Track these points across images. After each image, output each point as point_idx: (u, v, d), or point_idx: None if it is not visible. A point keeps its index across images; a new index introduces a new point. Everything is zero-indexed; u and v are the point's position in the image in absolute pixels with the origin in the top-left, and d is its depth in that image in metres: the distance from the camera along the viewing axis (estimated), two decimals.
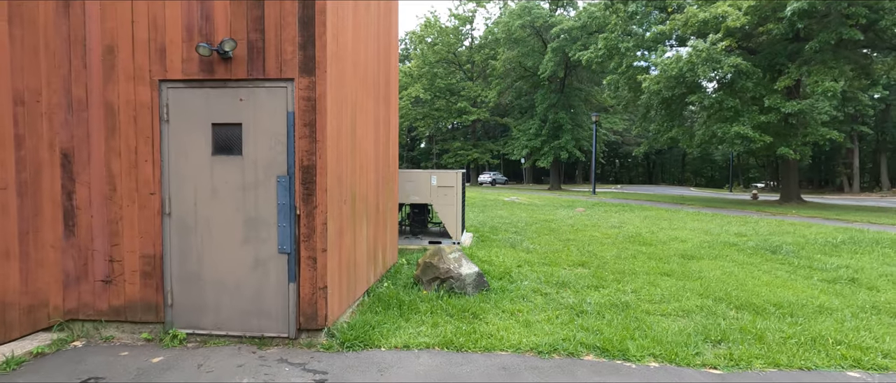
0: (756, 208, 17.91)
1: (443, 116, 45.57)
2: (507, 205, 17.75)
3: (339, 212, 4.09)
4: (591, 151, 43.35)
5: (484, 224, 11.76)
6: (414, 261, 6.92)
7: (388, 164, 6.13)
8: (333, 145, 3.94)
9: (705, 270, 6.57)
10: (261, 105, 3.80)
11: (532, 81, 37.17)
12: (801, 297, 5.26)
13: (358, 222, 4.72)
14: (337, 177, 4.04)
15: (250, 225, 3.84)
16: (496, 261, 6.89)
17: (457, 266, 5.19)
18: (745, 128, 16.70)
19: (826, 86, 15.19)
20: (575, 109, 35.65)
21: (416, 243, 8.22)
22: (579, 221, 12.49)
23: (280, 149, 3.80)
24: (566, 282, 5.90)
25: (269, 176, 3.82)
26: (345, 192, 4.26)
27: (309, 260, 3.80)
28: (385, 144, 5.96)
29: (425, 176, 8.19)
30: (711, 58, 16.53)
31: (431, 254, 5.41)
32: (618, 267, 6.82)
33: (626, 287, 5.68)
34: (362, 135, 4.86)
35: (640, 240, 9.31)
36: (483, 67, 45.52)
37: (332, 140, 3.92)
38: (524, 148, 36.40)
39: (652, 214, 14.77)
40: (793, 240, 9.14)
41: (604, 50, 21.89)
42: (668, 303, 5.05)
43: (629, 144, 66.65)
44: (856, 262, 7.16)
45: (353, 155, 4.54)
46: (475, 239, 9.30)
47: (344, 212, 4.25)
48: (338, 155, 4.06)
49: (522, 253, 7.88)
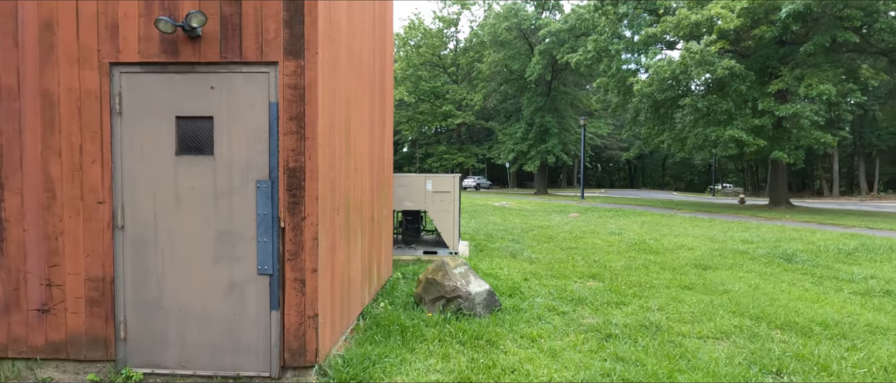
0: (749, 213, 17.69)
1: (427, 120, 44.94)
2: (498, 211, 17.18)
3: (331, 224, 3.42)
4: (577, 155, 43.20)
5: (478, 231, 11.15)
6: (409, 274, 6.27)
7: (382, 167, 5.48)
8: (325, 144, 3.27)
9: (727, 282, 6.06)
10: (237, 94, 3.12)
11: (518, 84, 36.81)
12: (843, 314, 4.77)
13: (352, 235, 4.05)
14: (329, 182, 3.37)
15: (224, 240, 3.15)
16: (501, 274, 6.27)
17: (464, 283, 4.55)
18: (740, 132, 16.47)
19: (821, 89, 15.04)
20: (561, 113, 35.37)
21: (409, 253, 7.56)
22: (577, 228, 11.98)
23: (261, 148, 3.11)
24: (581, 297, 5.31)
25: (246, 180, 3.13)
26: (338, 200, 3.59)
27: (296, 282, 3.12)
28: (380, 144, 5.30)
29: (420, 180, 7.54)
30: (705, 60, 16.28)
31: (434, 269, 4.76)
32: (632, 279, 6.27)
33: (648, 303, 5.12)
34: (357, 132, 4.20)
35: (646, 248, 8.81)
36: (468, 70, 45.06)
37: (324, 137, 3.25)
38: (511, 152, 35.96)
39: (648, 220, 14.35)
40: (804, 248, 8.74)
41: (593, 52, 21.57)
42: (701, 323, 4.50)
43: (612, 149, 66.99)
44: (880, 272, 6.74)
45: (348, 156, 3.88)
46: (472, 248, 8.67)
47: (337, 223, 3.58)
48: (330, 155, 3.39)
49: (526, 263, 7.28)
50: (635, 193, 47.07)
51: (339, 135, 3.63)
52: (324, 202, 3.25)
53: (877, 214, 18.22)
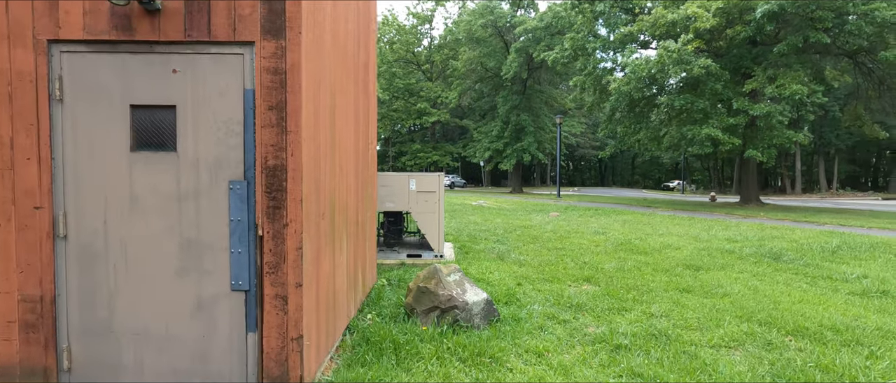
0: (724, 211, 17.92)
1: (401, 117, 44.33)
2: (477, 210, 16.88)
3: (316, 231, 2.99)
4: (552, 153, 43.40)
5: (460, 232, 10.79)
6: (394, 279, 5.85)
7: (367, 165, 5.04)
8: (310, 138, 2.84)
9: (724, 284, 5.87)
10: (205, 79, 2.65)
11: (493, 83, 36.64)
12: (849, 318, 4.61)
13: (338, 241, 3.62)
14: (314, 182, 2.94)
15: (190, 251, 2.68)
16: (493, 279, 5.92)
17: (460, 292, 4.17)
18: (715, 131, 16.65)
19: (794, 89, 15.32)
20: (536, 111, 35.37)
21: (392, 257, 7.13)
22: (559, 227, 11.76)
23: (234, 142, 2.66)
24: (580, 303, 5.01)
25: (216, 181, 2.67)
26: (323, 203, 3.16)
27: (277, 299, 2.68)
28: (364, 140, 4.87)
29: (402, 180, 7.12)
30: (682, 59, 16.37)
31: (426, 276, 4.36)
32: (627, 282, 6.02)
33: (651, 308, 4.86)
34: (342, 126, 3.77)
35: (633, 249, 8.63)
36: (443, 68, 44.66)
37: (309, 131, 2.82)
38: (487, 150, 35.75)
39: (629, 219, 14.29)
40: (788, 246, 8.72)
41: (570, 50, 21.52)
42: (710, 330, 4.25)
43: (585, 147, 67.84)
44: (870, 271, 6.70)
45: (333, 153, 3.45)
46: (456, 250, 8.31)
47: (322, 229, 3.14)
48: (315, 151, 2.96)
49: (515, 266, 6.96)
50: (607, 191, 47.71)
51: (325, 129, 3.19)
52: (308, 205, 2.82)
53: (845, 211, 18.75)
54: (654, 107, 19.85)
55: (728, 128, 17.15)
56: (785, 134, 16.73)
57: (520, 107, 34.36)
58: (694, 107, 17.21)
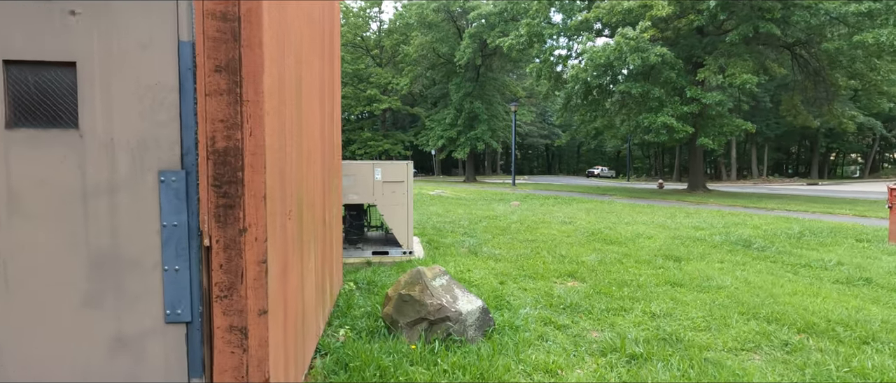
0: (675, 198, 18.33)
1: (350, 104, 42.83)
2: (436, 201, 16.29)
3: (282, 236, 2.28)
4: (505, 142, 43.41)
5: (423, 224, 10.17)
6: (362, 281, 5.17)
7: (333, 152, 4.31)
8: (274, 112, 2.12)
9: (713, 276, 5.61)
10: (121, 26, 1.86)
11: (446, 69, 35.95)
12: (851, 310, 4.41)
13: (306, 246, 2.91)
14: (279, 171, 2.22)
15: (103, 269, 1.90)
16: (474, 278, 5.36)
17: (451, 299, 3.56)
18: (670, 119, 16.91)
19: (744, 78, 15.74)
20: (490, 99, 35.08)
21: (355, 255, 6.41)
22: (525, 217, 11.39)
23: (165, 116, 1.89)
24: (574, 303, 4.55)
25: (141, 170, 1.90)
26: (289, 198, 2.45)
27: (232, 333, 1.96)
28: (330, 123, 4.12)
29: (367, 169, 6.40)
30: (639, 47, 16.43)
31: (408, 282, 3.72)
32: (613, 276, 5.64)
33: (650, 307, 4.47)
34: (309, 104, 3.03)
35: (605, 239, 8.35)
36: (393, 53, 43.44)
37: (273, 102, 2.09)
38: (440, 138, 35.12)
39: (591, 207, 14.19)
40: (753, 233, 8.74)
41: (526, 37, 21.22)
42: (720, 331, 3.90)
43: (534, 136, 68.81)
44: (840, 257, 6.71)
45: (300, 135, 2.72)
46: (424, 244, 7.68)
47: (290, 233, 2.43)
48: (280, 130, 2.24)
49: (491, 262, 6.44)
50: (557, 179, 48.57)
51: (291, 104, 2.47)
52: (273, 203, 2.10)
53: (783, 196, 19.69)
54: (610, 95, 19.97)
55: (681, 117, 17.49)
56: (734, 122, 17.24)
57: (473, 95, 33.93)
58: (650, 96, 17.40)
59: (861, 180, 44.20)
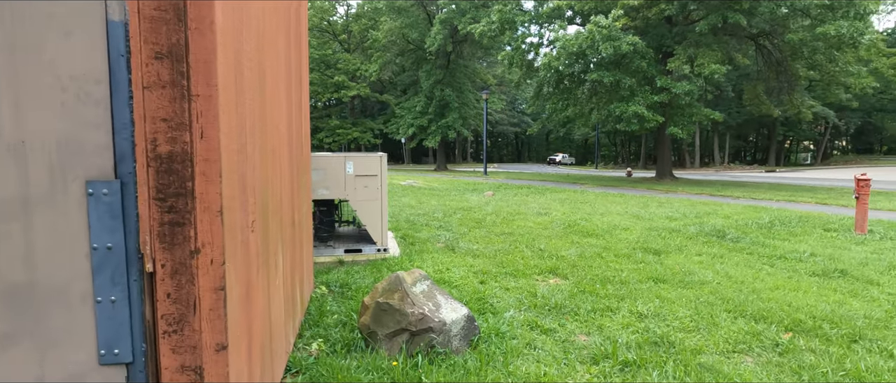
0: (645, 186, 18.57)
1: (317, 91, 41.69)
2: (408, 191, 15.96)
3: (244, 254, 1.96)
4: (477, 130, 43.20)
5: (396, 217, 9.86)
6: (335, 284, 4.86)
7: (301, 145, 3.94)
8: (231, 106, 1.78)
9: (694, 271, 5.55)
10: (30, 6, 1.48)
11: (416, 56, 35.33)
12: (833, 305, 4.39)
13: (273, 258, 2.58)
14: (239, 177, 1.89)
15: (15, 302, 1.55)
16: (453, 278, 5.11)
17: (433, 307, 3.30)
18: (641, 108, 17.03)
19: (713, 68, 15.97)
20: (461, 86, 34.72)
21: (326, 253, 6.06)
22: (500, 208, 11.22)
23: (92, 114, 1.54)
24: (558, 304, 4.37)
25: (63, 181, 1.55)
26: (253, 207, 2.11)
27: (185, 373, 1.65)
28: (298, 112, 3.76)
29: (338, 162, 6.03)
30: (612, 35, 16.40)
31: (386, 289, 3.43)
32: (594, 272, 5.51)
33: (636, 306, 4.34)
34: (274, 95, 2.68)
35: (582, 231, 8.25)
36: (361, 39, 42.42)
37: (229, 95, 1.76)
38: (411, 126, 34.60)
39: (564, 197, 14.16)
40: (726, 223, 8.82)
41: (497, 23, 20.95)
42: (709, 332, 3.80)
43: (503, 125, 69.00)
44: (812, 248, 6.79)
45: (265, 130, 2.38)
46: (399, 240, 7.39)
47: (253, 247, 2.11)
48: (239, 129, 1.90)
49: (469, 258, 6.21)
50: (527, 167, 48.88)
51: (252, 95, 2.12)
52: (232, 215, 1.77)
53: (746, 184, 20.23)
54: (582, 84, 19.97)
55: (652, 106, 17.65)
56: (703, 111, 17.52)
57: (444, 82, 33.50)
58: (622, 85, 17.46)
59: (813, 167, 46.20)
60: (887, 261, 6.02)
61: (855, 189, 7.68)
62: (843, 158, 55.90)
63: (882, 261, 6.04)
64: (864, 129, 57.91)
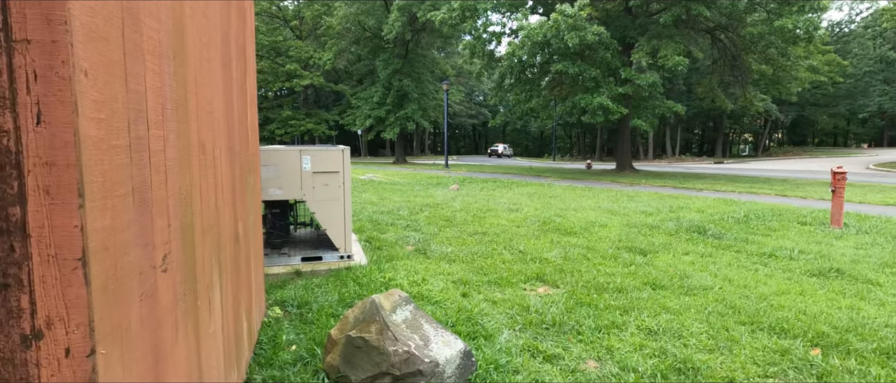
0: (609, 178, 18.50)
1: (267, 80, 39.65)
2: (368, 186, 15.10)
3: (148, 311, 1.20)
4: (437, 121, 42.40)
5: (358, 215, 9.06)
6: (292, 302, 4.09)
7: (247, 139, 3.13)
8: (108, 68, 1.01)
9: (690, 274, 5.13)
10: None
11: (372, 44, 34.09)
12: (848, 312, 4.04)
13: (204, 297, 1.82)
14: (131, 190, 1.13)
15: None
16: (432, 291, 4.43)
17: (421, 342, 2.62)
18: (606, 100, 16.87)
19: (676, 60, 15.97)
20: (420, 77, 33.81)
21: (281, 263, 5.24)
22: (468, 204, 10.62)
23: None
24: (556, 320, 3.80)
25: None
26: (162, 234, 1.35)
27: None
28: (241, 97, 2.95)
29: (292, 157, 5.20)
30: (577, 25, 16.09)
31: (360, 319, 2.73)
32: (585, 277, 4.99)
33: (642, 319, 3.83)
34: (202, 64, 1.90)
35: (559, 229, 7.77)
36: (314, 25, 40.61)
37: (100, 49, 0.99)
38: (368, 118, 33.41)
39: (532, 191, 13.74)
40: (702, 218, 8.59)
41: (458, 11, 20.24)
42: (732, 353, 3.32)
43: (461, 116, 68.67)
44: (797, 244, 6.57)
45: (186, 117, 1.60)
46: (363, 244, 6.63)
47: (164, 295, 1.35)
48: (129, 111, 1.13)
49: (445, 264, 5.55)
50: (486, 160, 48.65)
51: (159, 58, 1.35)
52: (114, 259, 1.02)
53: (704, 176, 20.59)
54: (546, 74, 19.65)
55: (616, 98, 17.54)
56: (666, 104, 17.58)
57: (402, 72, 32.49)
58: (586, 76, 17.23)
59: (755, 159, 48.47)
60: (876, 257, 5.85)
61: (831, 182, 7.57)
62: (781, 150, 59.10)
63: (871, 257, 5.86)
64: (798, 122, 61.51)
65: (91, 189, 0.93)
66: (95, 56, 0.96)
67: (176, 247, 1.48)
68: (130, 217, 1.12)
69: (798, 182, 17.03)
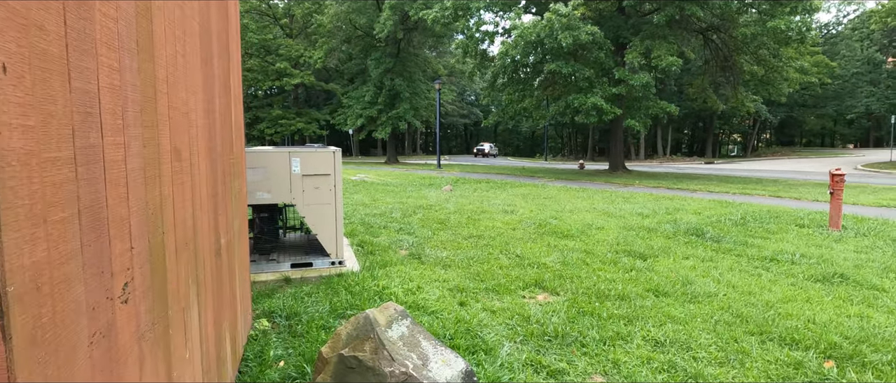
0: (603, 179, 18.42)
1: (257, 78, 39.15)
2: (360, 187, 14.87)
3: (86, 363, 0.99)
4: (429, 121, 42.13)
5: (349, 218, 8.85)
6: (280, 313, 3.88)
7: (230, 139, 2.92)
8: (34, 60, 0.80)
9: (693, 280, 4.99)
10: None
11: (364, 43, 33.76)
12: (857, 320, 3.92)
13: (177, 321, 1.62)
14: (78, 213, 0.92)
15: None
16: (428, 300, 4.24)
17: (419, 362, 2.43)
18: (600, 100, 16.76)
19: (669, 60, 15.91)
20: (412, 76, 33.54)
21: (269, 270, 5.03)
22: (462, 206, 10.44)
23: None
24: (558, 331, 3.64)
25: None
26: (123, 259, 1.15)
27: None
28: (224, 95, 2.74)
29: (281, 159, 4.99)
30: (570, 25, 15.96)
31: (353, 335, 2.54)
32: (585, 284, 4.83)
33: (647, 330, 3.68)
34: (176, 58, 1.69)
35: (555, 231, 7.61)
36: (305, 23, 40.19)
37: (26, 33, 0.78)
38: (359, 117, 33.08)
39: (526, 192, 13.59)
40: (699, 221, 8.48)
41: (451, 10, 20.05)
42: (744, 366, 3.19)
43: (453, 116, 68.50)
44: (797, 248, 6.47)
45: (155, 121, 1.39)
46: (355, 249, 6.43)
47: (123, 331, 1.14)
48: (72, 113, 0.93)
49: (440, 270, 5.37)
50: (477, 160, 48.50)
51: (113, 49, 1.14)
52: (52, 301, 0.83)
53: (696, 176, 20.60)
54: (539, 74, 19.51)
55: (610, 98, 17.45)
56: (659, 104, 17.53)
57: (394, 71, 32.21)
58: (580, 76, 17.12)
59: (745, 159, 48.83)
60: (878, 262, 5.75)
61: (830, 184, 7.49)
62: (769, 151, 59.62)
63: (873, 262, 5.76)
64: (786, 123, 62.08)
65: (13, 216, 0.73)
66: (20, 47, 0.76)
67: (141, 272, 1.28)
68: (75, 245, 0.92)
69: (790, 183, 17.06)
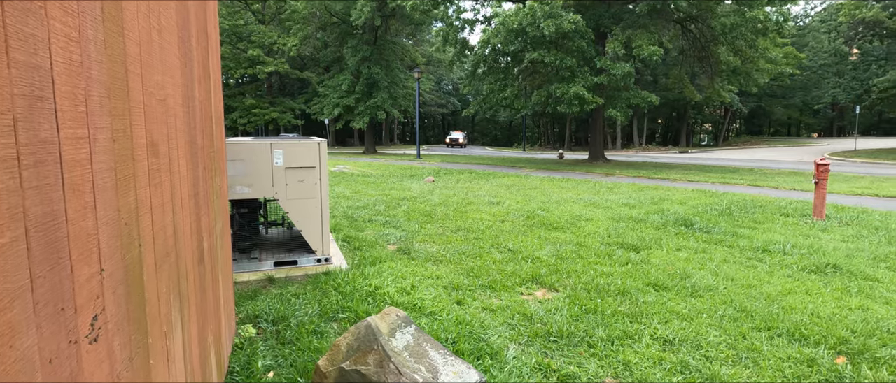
0: (585, 169, 18.43)
1: (229, 66, 37.90)
2: (340, 179, 14.48)
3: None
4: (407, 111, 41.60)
5: (332, 210, 8.54)
6: (266, 317, 3.62)
7: (212, 134, 2.63)
8: None
9: (690, 273, 4.90)
10: None
11: (340, 30, 32.97)
12: (859, 313, 3.88)
13: (158, 343, 1.35)
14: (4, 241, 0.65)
15: None
16: (424, 300, 4.02)
17: (429, 375, 2.22)
18: (582, 89, 16.70)
19: (651, 50, 15.94)
20: (390, 65, 32.95)
21: (251, 269, 4.73)
22: (447, 198, 10.22)
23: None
24: (562, 330, 3.49)
25: None
26: (87, 288, 0.88)
27: None
28: (204, 80, 2.44)
29: (262, 151, 4.67)
30: (553, 13, 15.79)
31: (353, 346, 2.31)
32: (583, 278, 4.70)
33: (653, 327, 3.56)
34: (149, 39, 1.40)
35: (544, 223, 7.48)
36: (278, 10, 39.03)
37: None
38: (336, 106, 32.39)
39: (509, 183, 13.45)
40: (686, 211, 8.47)
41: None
42: (757, 364, 3.10)
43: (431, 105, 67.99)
44: (786, 238, 6.48)
45: (128, 109, 1.12)
46: (341, 244, 6.16)
47: (90, 379, 0.88)
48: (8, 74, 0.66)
49: (432, 266, 5.15)
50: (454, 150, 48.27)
51: (72, 19, 0.87)
52: None
53: (674, 166, 20.82)
54: (520, 63, 19.33)
55: (591, 88, 17.42)
56: (640, 94, 17.58)
57: (371, 60, 31.58)
58: (562, 65, 17.01)
59: (716, 148, 49.88)
60: (867, 251, 5.79)
61: (814, 174, 7.54)
62: (739, 140, 61.11)
63: (862, 251, 5.80)
64: (755, 113, 63.73)
65: None
66: None
67: (114, 298, 1.02)
68: (21, 280, 0.67)
69: (766, 172, 17.38)
